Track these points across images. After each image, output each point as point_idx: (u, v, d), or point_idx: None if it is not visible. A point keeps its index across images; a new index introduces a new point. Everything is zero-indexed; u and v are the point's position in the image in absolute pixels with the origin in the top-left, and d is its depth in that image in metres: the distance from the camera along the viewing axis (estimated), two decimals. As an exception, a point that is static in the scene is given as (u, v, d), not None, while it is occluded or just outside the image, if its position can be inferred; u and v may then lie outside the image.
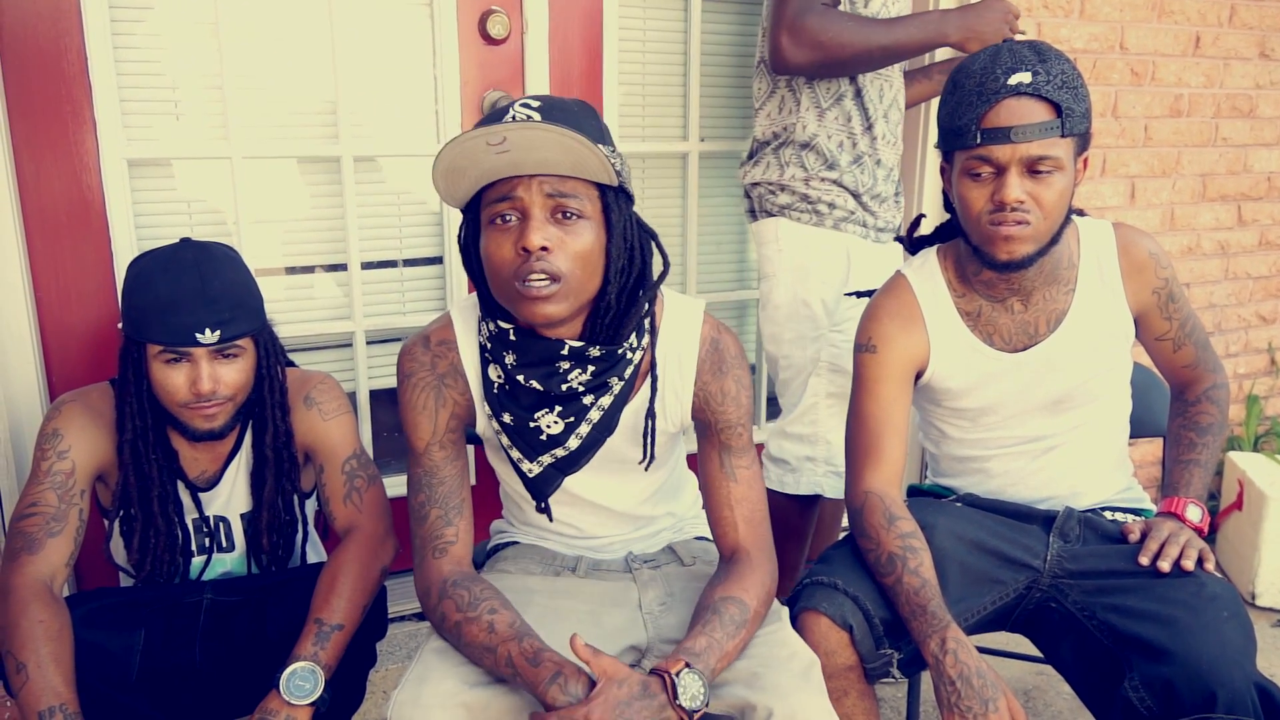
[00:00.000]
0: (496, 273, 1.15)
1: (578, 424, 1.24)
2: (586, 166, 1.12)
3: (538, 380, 1.21)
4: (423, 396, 1.27)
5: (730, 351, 1.31)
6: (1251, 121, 2.78)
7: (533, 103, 1.13)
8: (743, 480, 1.32)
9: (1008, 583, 1.44)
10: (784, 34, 1.71)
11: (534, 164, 1.11)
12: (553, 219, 1.13)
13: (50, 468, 1.36)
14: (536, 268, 1.11)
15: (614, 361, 1.22)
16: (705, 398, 1.30)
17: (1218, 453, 1.52)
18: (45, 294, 1.80)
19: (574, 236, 1.14)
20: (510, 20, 2.00)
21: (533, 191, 1.12)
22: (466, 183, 1.15)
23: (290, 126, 1.92)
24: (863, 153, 1.85)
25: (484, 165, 1.11)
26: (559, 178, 1.13)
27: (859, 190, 1.85)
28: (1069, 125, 1.29)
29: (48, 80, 1.72)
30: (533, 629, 1.16)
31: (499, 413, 1.25)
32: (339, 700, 1.37)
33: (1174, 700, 1.21)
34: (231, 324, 1.35)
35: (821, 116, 1.83)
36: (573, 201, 1.13)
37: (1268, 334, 3.03)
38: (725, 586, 1.24)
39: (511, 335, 1.21)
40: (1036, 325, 1.46)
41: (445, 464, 1.28)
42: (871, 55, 1.73)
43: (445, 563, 1.24)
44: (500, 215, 1.13)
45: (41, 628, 1.25)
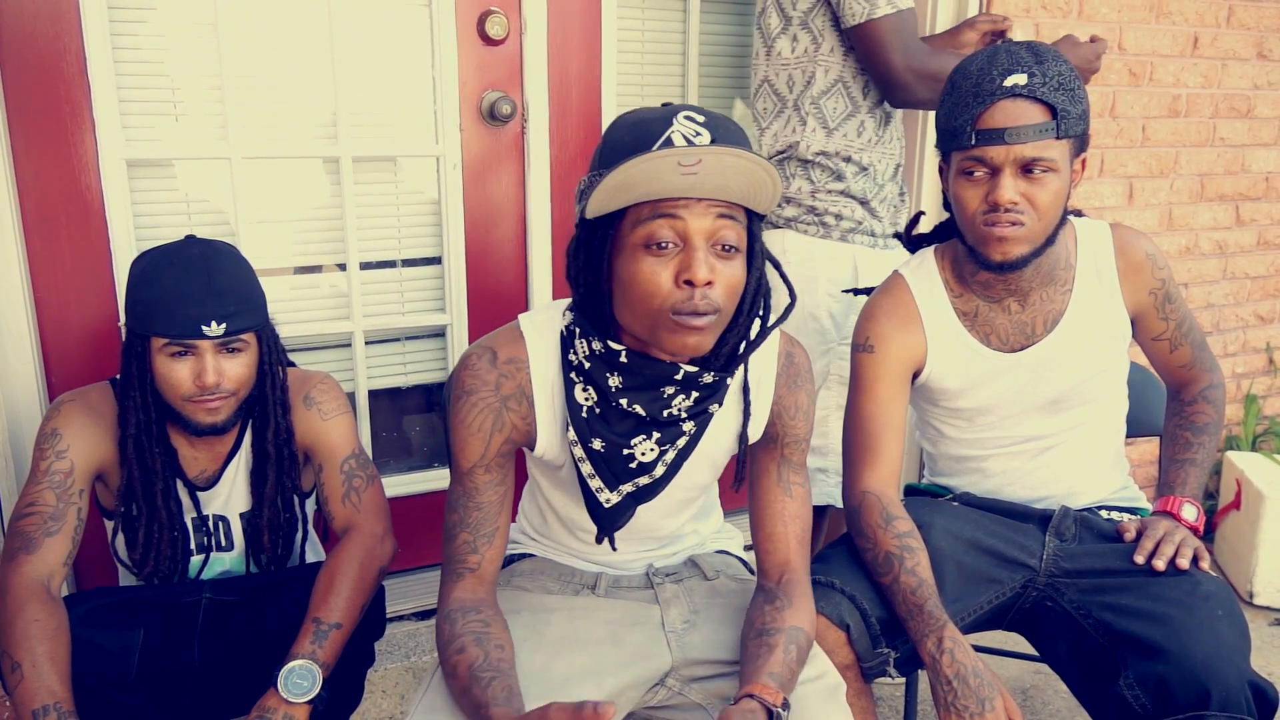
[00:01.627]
0: (647, 300, 1.06)
1: (667, 450, 1.18)
2: (760, 193, 1.06)
3: (641, 404, 1.13)
4: (480, 417, 1.18)
5: (803, 365, 1.28)
6: (1249, 122, 2.79)
7: (697, 116, 1.05)
8: (797, 497, 1.29)
9: (1004, 582, 1.44)
10: (909, 74, 1.75)
11: (711, 188, 1.03)
12: (712, 250, 1.06)
13: (49, 467, 1.37)
14: (701, 305, 1.04)
15: (719, 388, 1.17)
16: (779, 411, 1.26)
17: (1214, 452, 1.52)
18: (44, 294, 1.81)
19: (730, 269, 1.07)
20: (509, 21, 2.00)
21: (699, 217, 1.04)
22: (627, 197, 1.05)
23: (289, 127, 1.92)
24: (869, 163, 1.85)
25: (662, 182, 1.02)
26: (726, 204, 1.06)
27: (866, 197, 1.85)
28: (1064, 127, 1.30)
29: (47, 80, 1.73)
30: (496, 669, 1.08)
31: (588, 439, 1.16)
32: (337, 699, 1.37)
33: (1168, 698, 1.22)
34: (236, 318, 1.36)
35: (830, 135, 1.83)
36: (733, 231, 1.07)
37: (1266, 334, 3.03)
38: (794, 614, 1.20)
39: (623, 357, 1.12)
40: (1033, 325, 1.47)
41: (488, 488, 1.20)
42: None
43: (457, 588, 1.19)
44: (658, 241, 1.04)
45: (37, 626, 1.25)
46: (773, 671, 1.11)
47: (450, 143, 2.02)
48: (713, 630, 1.26)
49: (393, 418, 2.21)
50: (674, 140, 1.02)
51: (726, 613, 1.29)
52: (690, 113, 1.05)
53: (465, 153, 2.05)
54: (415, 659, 2.00)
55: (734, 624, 1.27)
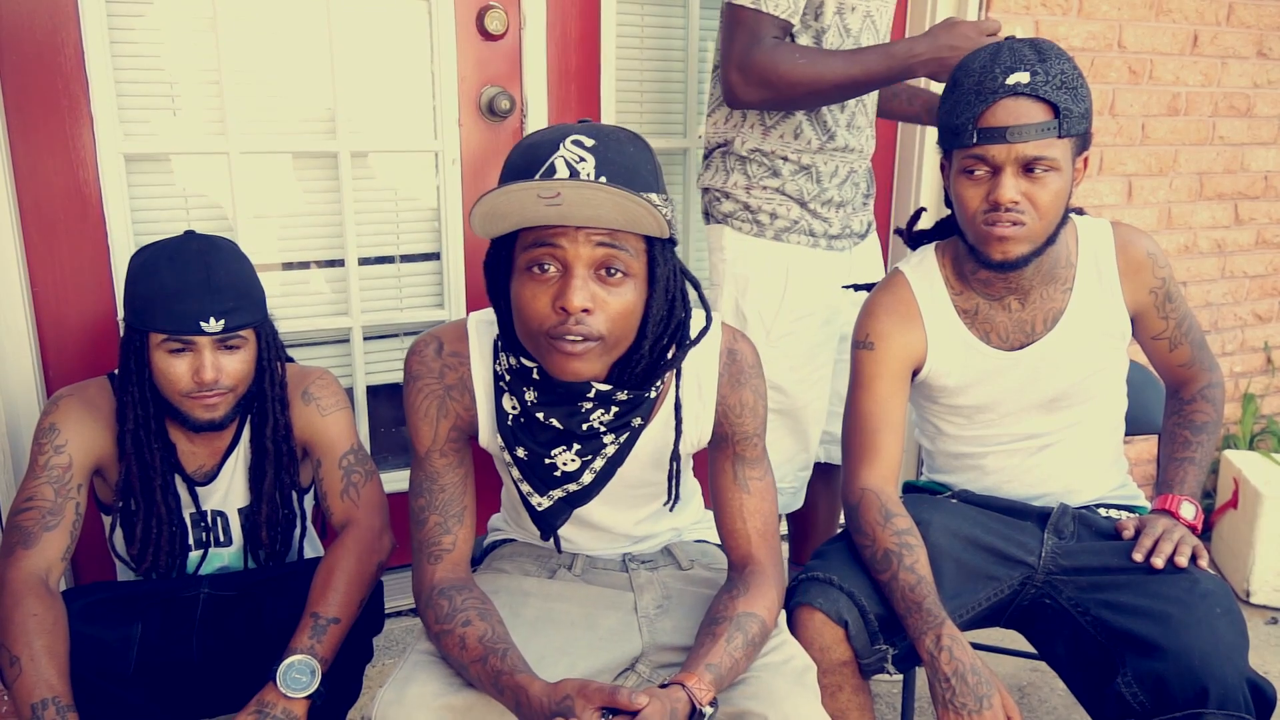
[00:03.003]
0: (527, 322, 1.08)
1: (593, 460, 1.21)
2: (640, 224, 1.05)
3: (558, 419, 1.16)
4: (426, 403, 1.23)
5: (747, 360, 1.27)
6: (1249, 120, 2.79)
7: (585, 140, 1.04)
8: (755, 492, 1.29)
9: (1002, 579, 1.44)
10: (734, 71, 1.64)
11: (584, 218, 1.03)
12: (595, 276, 1.06)
13: (47, 462, 1.36)
14: (575, 330, 1.04)
15: (638, 404, 1.19)
16: (724, 410, 1.26)
17: (1212, 451, 1.53)
18: (42, 289, 1.80)
19: (616, 296, 1.06)
20: (508, 16, 2.00)
21: (579, 244, 1.04)
22: (505, 225, 1.07)
23: (288, 122, 1.92)
24: (810, 164, 1.78)
25: (529, 213, 1.03)
26: (608, 232, 1.05)
27: (804, 198, 1.78)
28: (1066, 126, 1.29)
29: (45, 75, 1.72)
30: (507, 640, 1.13)
31: (512, 446, 1.21)
32: (335, 694, 1.37)
33: (1166, 695, 1.22)
34: (235, 314, 1.36)
35: (766, 133, 1.76)
36: (620, 258, 1.06)
37: (1264, 333, 3.04)
38: (748, 600, 1.21)
39: (534, 374, 1.15)
40: (1034, 324, 1.47)
41: (447, 470, 1.24)
42: (825, 92, 1.63)
43: (438, 569, 1.22)
44: (539, 263, 1.05)
45: (35, 621, 1.25)
46: (711, 662, 1.12)
47: (449, 138, 2.02)
48: (683, 617, 1.28)
49: (391, 413, 2.21)
50: (556, 167, 1.03)
51: (698, 600, 1.31)
52: (581, 136, 1.05)
53: (464, 148, 2.04)
54: (413, 655, 2.00)
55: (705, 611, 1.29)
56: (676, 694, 1.06)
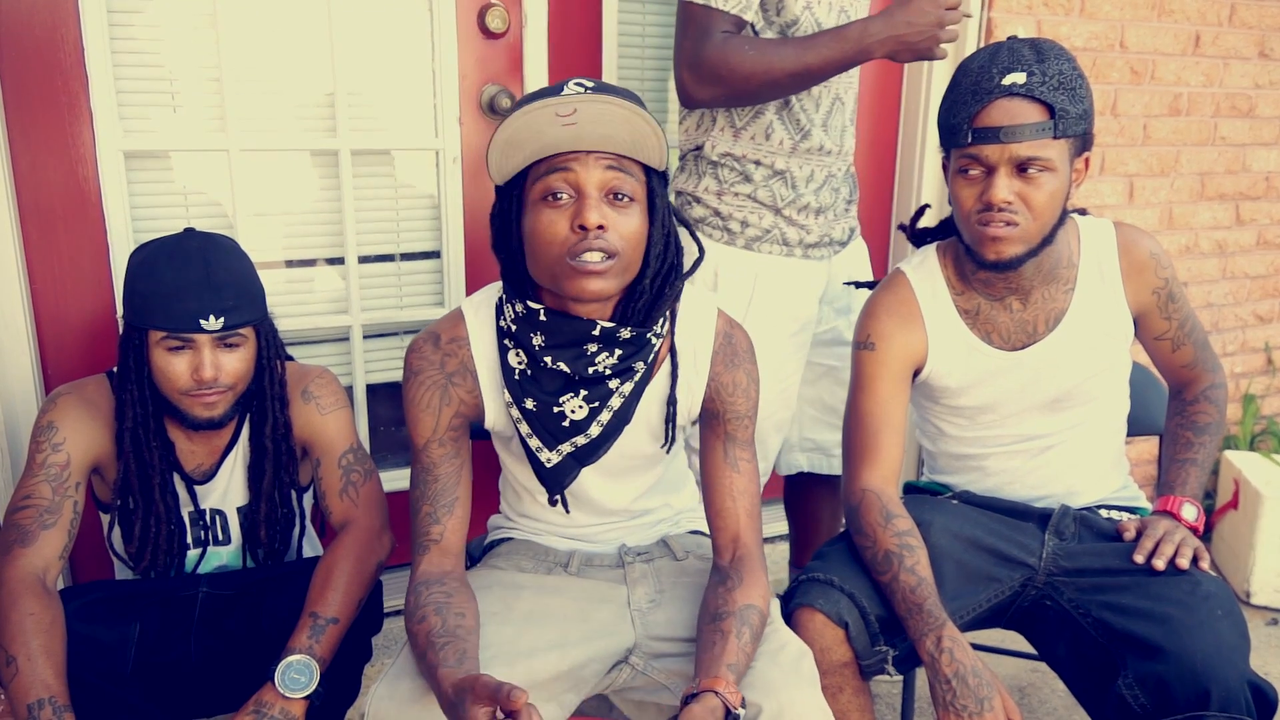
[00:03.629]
0: (545, 248, 1.14)
1: (600, 410, 1.24)
2: (645, 145, 1.14)
3: (565, 362, 1.20)
4: (428, 394, 1.26)
5: (742, 345, 1.32)
6: (1250, 121, 2.78)
7: (587, 82, 1.12)
8: (744, 472, 1.32)
9: (1003, 580, 1.44)
10: (685, 69, 1.60)
11: (596, 139, 1.11)
12: (605, 199, 1.14)
13: (45, 460, 1.36)
14: (595, 245, 1.11)
15: (641, 345, 1.23)
16: (717, 388, 1.31)
17: (1214, 452, 1.52)
18: (41, 286, 1.80)
19: (625, 218, 1.15)
20: (509, 14, 1.99)
21: (590, 168, 1.12)
22: (521, 155, 1.15)
23: (288, 119, 1.92)
24: (784, 168, 1.72)
25: (546, 138, 1.11)
26: (616, 156, 1.14)
27: (778, 204, 1.73)
28: (1062, 127, 1.29)
29: (44, 71, 1.71)
30: (452, 634, 1.10)
31: (520, 399, 1.24)
32: (333, 694, 1.37)
33: (1168, 697, 1.22)
34: (235, 312, 1.35)
35: (737, 135, 1.71)
36: (626, 183, 1.14)
37: (1265, 333, 3.03)
38: (744, 592, 1.22)
39: (542, 315, 1.20)
40: (1035, 324, 1.46)
41: (443, 461, 1.27)
42: (779, 83, 1.58)
43: (424, 561, 1.24)
44: (553, 192, 1.13)
45: (32, 620, 1.24)
46: (730, 662, 1.12)
47: (450, 136, 2.02)
48: (676, 609, 1.30)
49: (391, 412, 2.21)
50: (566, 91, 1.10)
51: (691, 592, 1.33)
52: (583, 79, 1.13)
53: (465, 146, 2.04)
54: (412, 654, 2.00)
55: (697, 603, 1.30)
56: (710, 702, 1.06)
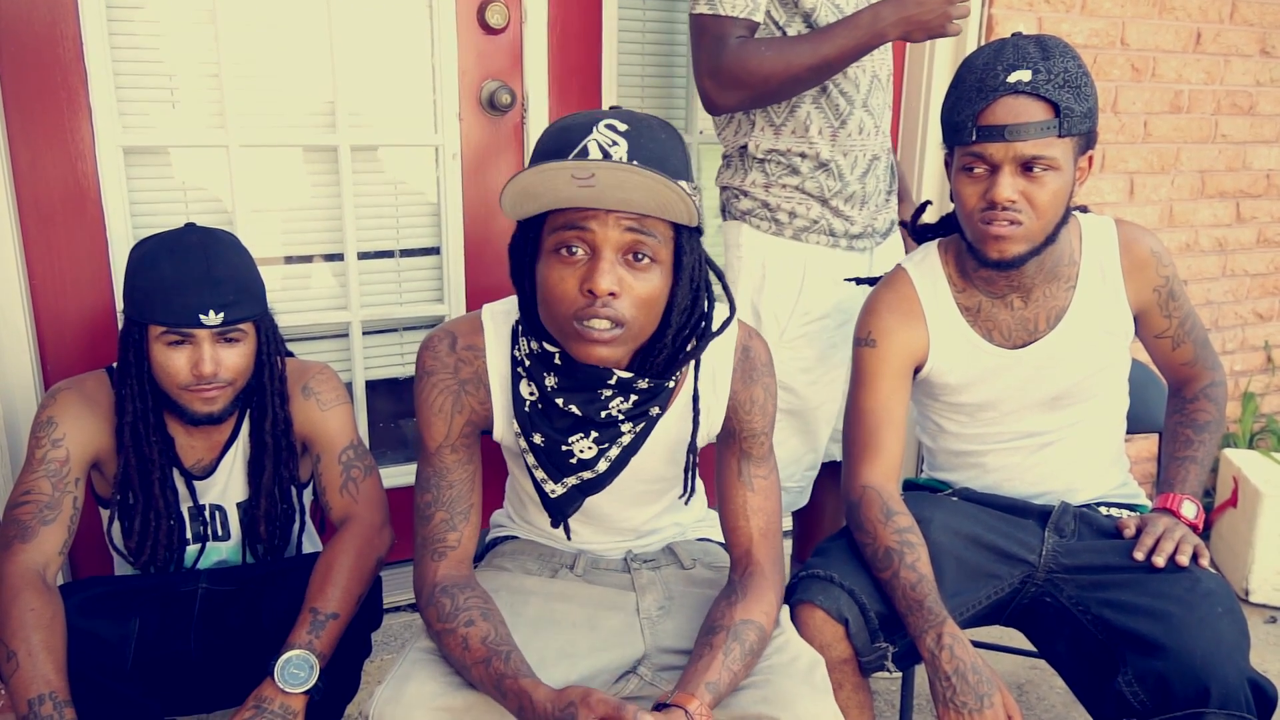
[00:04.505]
0: (554, 305, 1.07)
1: (609, 448, 1.20)
2: (670, 209, 1.05)
3: (577, 405, 1.16)
4: (440, 399, 1.21)
5: (760, 358, 1.27)
6: (1251, 119, 2.78)
7: (619, 125, 1.04)
8: (760, 490, 1.29)
9: (1003, 577, 1.44)
10: (706, 79, 1.63)
11: (615, 201, 1.03)
12: (623, 260, 1.06)
13: (45, 455, 1.36)
14: (602, 313, 1.04)
15: (658, 392, 1.18)
16: (735, 406, 1.26)
17: (1214, 450, 1.52)
18: (40, 282, 1.80)
19: (642, 281, 1.06)
20: (509, 9, 1.99)
21: (609, 228, 1.04)
22: (535, 205, 1.07)
23: (287, 115, 1.91)
24: (829, 158, 1.75)
25: (561, 194, 1.03)
26: (638, 217, 1.05)
27: (825, 195, 1.76)
28: (1067, 125, 1.29)
29: (43, 67, 1.71)
30: (510, 643, 1.12)
31: (529, 433, 1.20)
32: (333, 690, 1.37)
33: (1167, 695, 1.22)
34: (235, 307, 1.35)
35: (778, 132, 1.75)
36: (648, 243, 1.06)
37: (1264, 331, 3.03)
38: (745, 606, 1.20)
39: (556, 359, 1.15)
40: (1036, 321, 1.46)
41: (456, 467, 1.23)
42: (800, 78, 1.61)
43: (442, 566, 1.21)
44: (567, 245, 1.05)
45: (33, 615, 1.24)
46: (710, 680, 1.10)
47: (449, 132, 2.01)
48: (685, 619, 1.27)
49: (390, 408, 2.21)
50: (589, 150, 1.03)
51: (700, 601, 1.30)
52: (614, 121, 1.05)
53: (464, 142, 2.04)
54: (411, 650, 2.00)
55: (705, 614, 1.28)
56: (675, 716, 1.05)
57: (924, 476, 1.69)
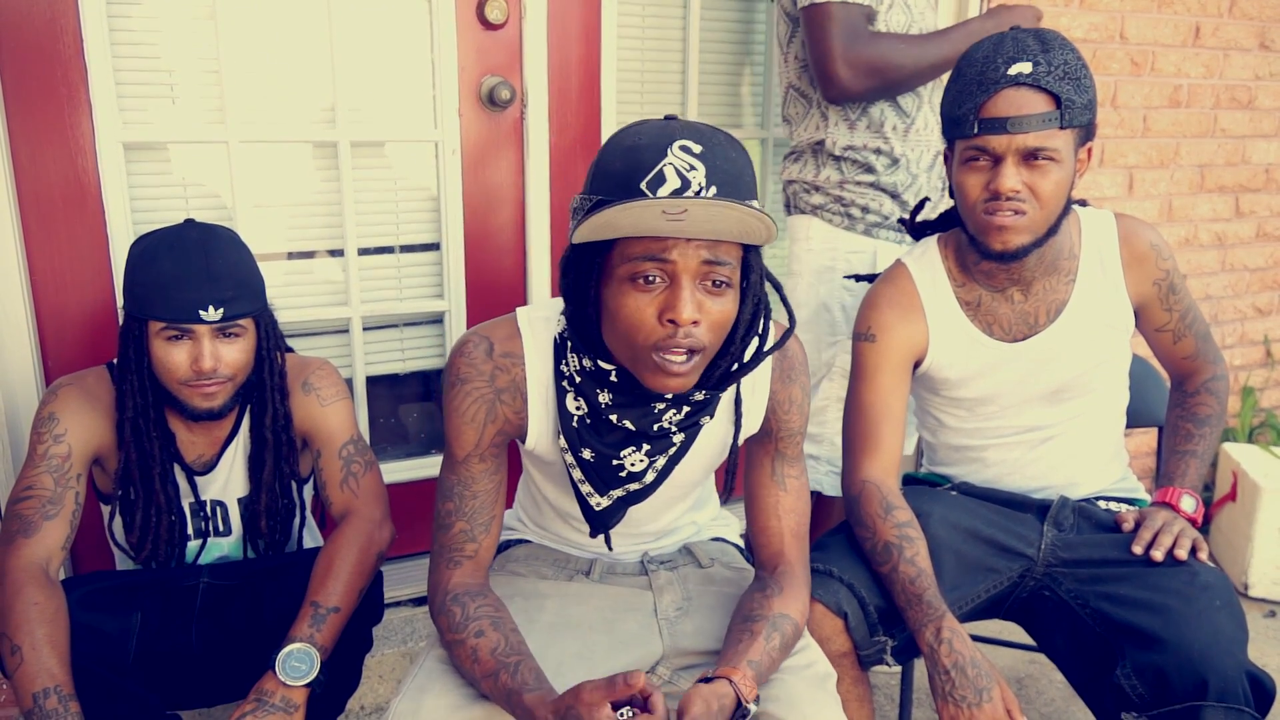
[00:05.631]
0: (631, 334, 1.04)
1: (657, 458, 1.19)
2: (752, 235, 1.03)
3: (631, 420, 1.14)
4: (473, 408, 1.17)
5: (797, 359, 1.27)
6: (1250, 113, 2.78)
7: (693, 147, 1.01)
8: (792, 490, 1.29)
9: (1002, 571, 1.44)
10: (839, 65, 1.69)
11: (699, 230, 1.01)
12: (700, 286, 1.04)
13: (46, 451, 1.36)
14: (684, 344, 1.02)
15: (711, 403, 1.17)
16: (774, 405, 1.25)
17: (1215, 444, 1.52)
18: (40, 278, 1.80)
19: (719, 305, 1.05)
20: (508, 5, 1.99)
21: (689, 257, 1.01)
22: (613, 233, 1.03)
23: (287, 110, 1.91)
24: (901, 154, 1.82)
25: (645, 226, 1.00)
26: (713, 242, 1.03)
27: (898, 190, 1.83)
28: (1068, 117, 1.29)
29: (43, 63, 1.71)
30: (520, 652, 1.10)
31: (578, 448, 1.17)
32: (334, 684, 1.37)
33: (1166, 688, 1.22)
34: (234, 303, 1.35)
35: (852, 128, 1.81)
36: (724, 270, 1.04)
37: (1264, 326, 3.03)
38: (783, 601, 1.21)
39: (613, 376, 1.12)
40: (1036, 315, 1.46)
41: (483, 476, 1.20)
42: (923, 74, 1.75)
43: (457, 574, 1.19)
44: (644, 275, 1.02)
45: (36, 610, 1.25)
46: (753, 659, 1.11)
47: (449, 128, 2.01)
48: (705, 618, 1.27)
49: (390, 404, 2.21)
50: (665, 175, 0.99)
51: (719, 600, 1.29)
52: (687, 142, 1.01)
53: (464, 138, 2.04)
54: (412, 644, 2.01)
55: (726, 612, 1.27)
56: (723, 688, 1.05)
57: (923, 471, 1.69)
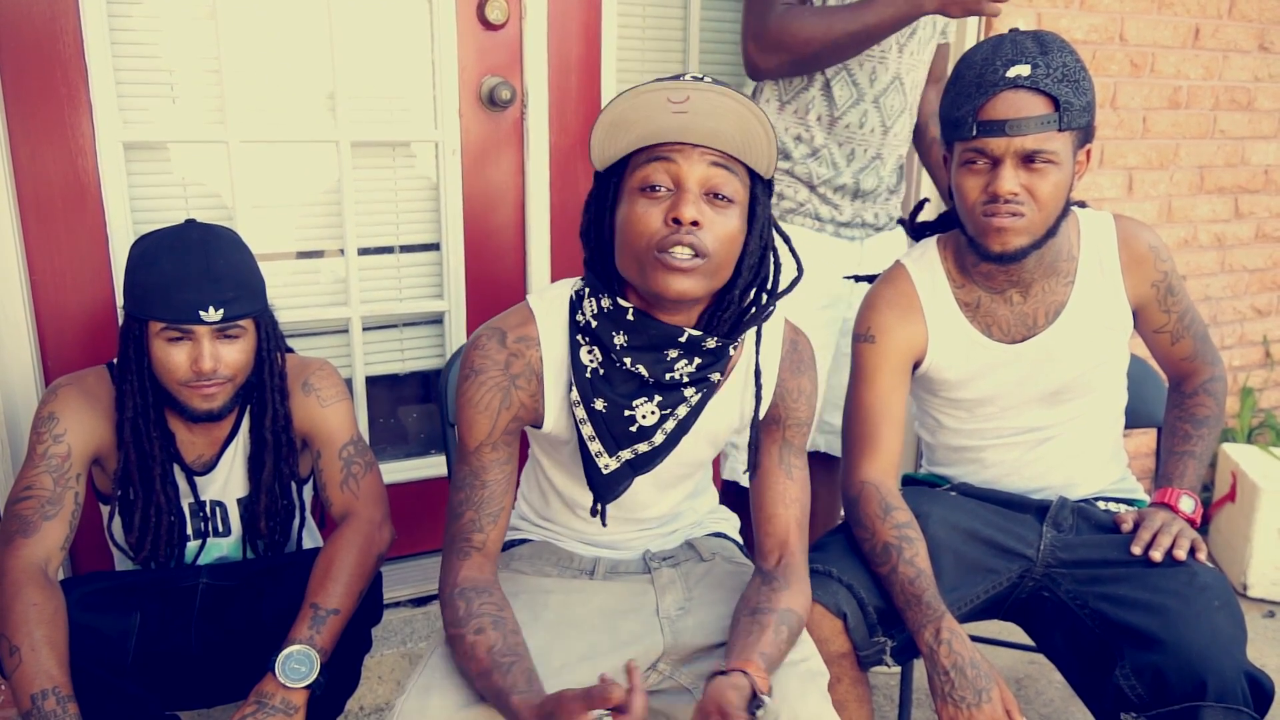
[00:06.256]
0: (636, 239, 1.10)
1: (668, 418, 1.20)
2: (754, 146, 1.11)
3: (645, 365, 1.16)
4: (488, 396, 1.20)
5: (806, 352, 1.32)
6: (1250, 114, 2.78)
7: (705, 78, 1.09)
8: (797, 480, 1.31)
9: (1001, 572, 1.45)
10: (750, 41, 1.68)
11: (705, 132, 1.08)
12: (704, 198, 1.10)
13: (46, 451, 1.36)
14: (685, 240, 1.08)
15: (721, 356, 1.20)
16: (782, 394, 1.29)
17: (1213, 445, 1.53)
18: (40, 278, 1.80)
19: (723, 219, 1.11)
20: (509, 5, 1.99)
21: (693, 162, 1.09)
22: (626, 140, 1.11)
23: (287, 110, 1.91)
24: (821, 145, 1.78)
25: (654, 123, 1.08)
26: (722, 154, 1.10)
27: (813, 181, 1.79)
28: (1067, 119, 1.29)
29: (43, 62, 1.71)
30: (515, 653, 1.11)
31: (590, 399, 1.19)
32: (334, 685, 1.37)
33: (1164, 688, 1.22)
34: (234, 304, 1.35)
35: (781, 110, 1.79)
36: (728, 184, 1.11)
37: (1263, 327, 3.04)
38: (789, 596, 1.22)
39: (630, 315, 1.16)
40: (1035, 317, 1.46)
41: (494, 466, 1.22)
42: (840, 45, 1.65)
43: (465, 566, 1.21)
44: (652, 184, 1.10)
45: (35, 610, 1.25)
46: (764, 651, 1.13)
47: (449, 128, 2.01)
48: (707, 614, 1.27)
49: (390, 404, 2.21)
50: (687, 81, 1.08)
51: (721, 594, 1.31)
52: (697, 76, 1.09)
53: (464, 138, 2.04)
54: (411, 645, 2.01)
55: (727, 605, 1.28)
56: (739, 680, 1.07)
57: (922, 471, 1.69)
